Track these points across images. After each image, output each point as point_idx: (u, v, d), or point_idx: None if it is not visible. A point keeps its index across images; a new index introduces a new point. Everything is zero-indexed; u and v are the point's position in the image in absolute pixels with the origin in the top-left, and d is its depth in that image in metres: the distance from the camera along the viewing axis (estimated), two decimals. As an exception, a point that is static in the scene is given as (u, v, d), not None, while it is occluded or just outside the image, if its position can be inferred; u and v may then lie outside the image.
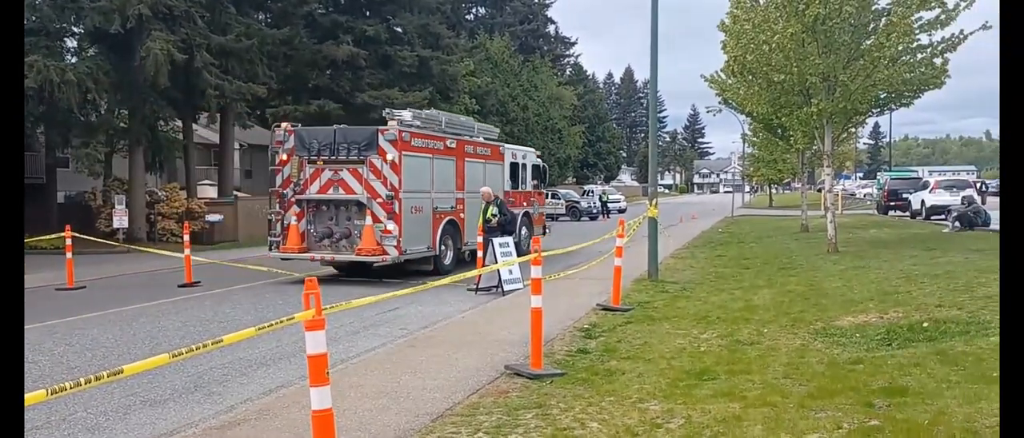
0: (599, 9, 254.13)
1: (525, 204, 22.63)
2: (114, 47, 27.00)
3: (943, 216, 33.50)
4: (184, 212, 29.13)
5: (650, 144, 16.42)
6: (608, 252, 17.68)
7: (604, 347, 8.93)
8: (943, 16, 16.72)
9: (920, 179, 43.45)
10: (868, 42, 17.83)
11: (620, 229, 12.58)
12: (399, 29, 44.29)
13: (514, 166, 22.12)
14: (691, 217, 44.60)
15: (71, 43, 29.32)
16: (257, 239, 30.89)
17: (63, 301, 14.55)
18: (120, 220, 25.69)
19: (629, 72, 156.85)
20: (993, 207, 27.60)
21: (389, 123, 16.73)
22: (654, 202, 15.38)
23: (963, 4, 16.56)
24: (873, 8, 17.58)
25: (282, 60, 35.39)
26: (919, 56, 17.22)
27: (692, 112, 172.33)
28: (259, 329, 4.40)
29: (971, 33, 16.73)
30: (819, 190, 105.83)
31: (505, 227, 16.32)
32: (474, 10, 69.86)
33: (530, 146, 35.27)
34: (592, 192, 57.63)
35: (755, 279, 14.60)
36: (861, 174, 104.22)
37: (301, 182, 16.91)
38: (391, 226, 16.17)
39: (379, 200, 16.23)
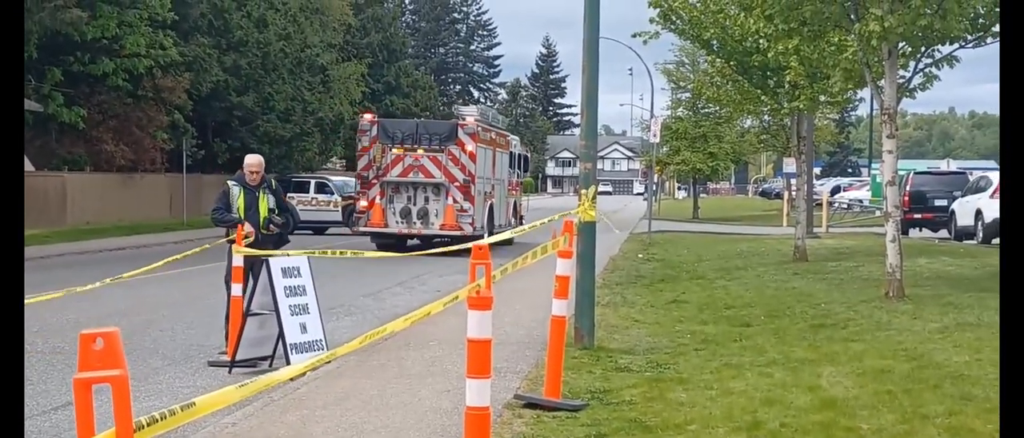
0: None
1: (514, 194, 24.28)
2: None
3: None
4: None
5: (583, 92, 8.78)
6: (458, 281, 11.96)
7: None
8: None
9: (961, 174, 27.11)
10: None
11: (562, 241, 6.35)
12: None
13: (511, 154, 23.67)
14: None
15: None
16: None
17: None
18: None
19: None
20: None
21: (467, 119, 20.05)
22: (590, 192, 7.90)
23: None
24: None
25: None
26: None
27: (545, 50, 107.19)
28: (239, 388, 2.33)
29: None
30: (763, 194, 63.40)
31: (284, 234, 9.06)
32: None
33: (278, 93, 33.42)
34: None
35: (783, 346, 8.26)
36: (818, 169, 59.58)
37: (382, 166, 19.02)
38: (466, 206, 18.87)
39: (457, 184, 18.72)
